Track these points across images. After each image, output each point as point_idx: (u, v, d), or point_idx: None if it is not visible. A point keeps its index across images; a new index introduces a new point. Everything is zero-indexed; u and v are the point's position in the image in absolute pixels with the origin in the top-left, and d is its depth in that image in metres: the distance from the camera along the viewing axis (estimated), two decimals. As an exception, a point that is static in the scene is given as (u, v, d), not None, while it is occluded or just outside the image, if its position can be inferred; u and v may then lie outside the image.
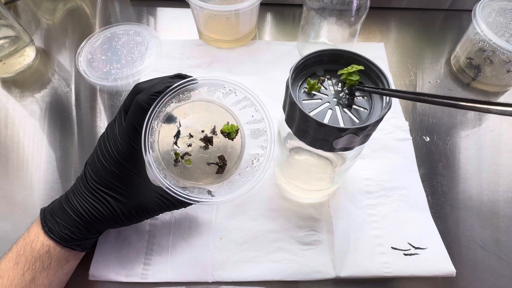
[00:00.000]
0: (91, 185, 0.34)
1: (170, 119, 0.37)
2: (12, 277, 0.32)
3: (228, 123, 0.37)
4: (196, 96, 0.36)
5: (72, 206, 0.34)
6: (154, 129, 0.33)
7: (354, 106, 0.30)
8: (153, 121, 0.32)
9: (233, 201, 0.37)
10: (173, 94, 0.32)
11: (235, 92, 0.34)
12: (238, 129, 0.37)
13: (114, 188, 0.34)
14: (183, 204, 0.36)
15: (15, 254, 0.33)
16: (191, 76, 0.34)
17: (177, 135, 0.37)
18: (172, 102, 0.34)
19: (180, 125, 0.37)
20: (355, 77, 0.30)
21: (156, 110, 0.31)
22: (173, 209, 0.37)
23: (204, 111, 0.38)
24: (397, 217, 0.43)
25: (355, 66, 0.30)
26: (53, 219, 0.34)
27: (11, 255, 0.33)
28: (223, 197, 0.33)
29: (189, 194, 0.32)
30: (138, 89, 0.33)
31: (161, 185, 0.31)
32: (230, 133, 0.35)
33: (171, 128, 0.37)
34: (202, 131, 0.38)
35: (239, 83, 0.34)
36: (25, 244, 0.33)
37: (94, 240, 0.39)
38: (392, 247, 0.40)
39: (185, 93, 0.33)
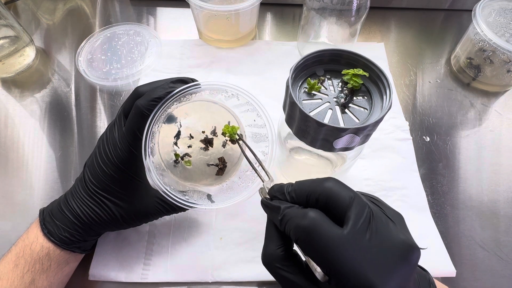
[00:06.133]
0: (90, 189, 0.34)
1: (170, 119, 0.37)
2: (11, 279, 0.32)
3: (229, 123, 0.37)
4: (198, 97, 0.36)
5: (71, 209, 0.34)
6: (154, 133, 0.33)
7: (354, 106, 0.30)
8: (153, 127, 0.31)
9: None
10: (174, 99, 0.32)
11: (237, 96, 0.34)
12: (239, 129, 0.36)
13: (113, 193, 0.33)
14: (183, 208, 0.36)
15: (15, 256, 0.33)
16: (192, 80, 0.33)
17: (178, 135, 0.37)
18: (173, 104, 0.34)
19: (180, 125, 0.37)
20: (360, 80, 0.30)
21: (157, 116, 0.31)
22: (172, 213, 0.37)
23: (205, 111, 0.38)
24: (397, 217, 0.43)
25: (362, 71, 0.30)
26: (52, 222, 0.34)
27: (11, 256, 0.33)
28: (222, 204, 0.32)
29: (189, 200, 0.32)
30: (138, 92, 0.33)
31: (160, 191, 0.31)
32: (230, 135, 0.33)
33: (172, 128, 0.37)
34: (203, 132, 0.38)
35: (243, 88, 0.33)
36: (24, 246, 0.33)
37: (94, 242, 0.39)
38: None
39: (187, 96, 0.33)
